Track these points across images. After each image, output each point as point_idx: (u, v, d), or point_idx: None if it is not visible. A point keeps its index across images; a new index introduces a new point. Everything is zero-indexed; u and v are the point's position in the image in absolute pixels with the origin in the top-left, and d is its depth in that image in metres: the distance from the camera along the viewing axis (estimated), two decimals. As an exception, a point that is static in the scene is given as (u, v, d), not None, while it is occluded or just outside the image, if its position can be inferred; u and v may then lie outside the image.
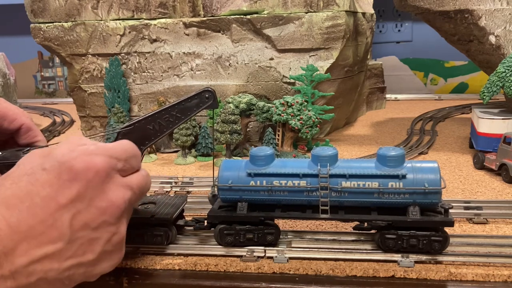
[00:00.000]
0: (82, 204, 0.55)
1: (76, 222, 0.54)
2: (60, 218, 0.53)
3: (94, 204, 0.56)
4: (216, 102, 0.76)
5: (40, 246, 0.51)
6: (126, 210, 0.61)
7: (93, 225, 0.56)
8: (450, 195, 0.99)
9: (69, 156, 0.57)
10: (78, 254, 0.55)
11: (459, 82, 2.37)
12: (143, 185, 0.65)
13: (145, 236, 0.76)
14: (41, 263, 0.51)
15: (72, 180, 0.55)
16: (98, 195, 0.57)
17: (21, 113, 0.79)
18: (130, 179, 0.63)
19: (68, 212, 0.54)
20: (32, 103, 2.42)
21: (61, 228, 0.53)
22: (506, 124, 1.13)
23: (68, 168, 0.56)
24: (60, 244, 0.53)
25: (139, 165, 0.66)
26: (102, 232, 0.57)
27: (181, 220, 0.81)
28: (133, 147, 0.66)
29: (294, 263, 0.72)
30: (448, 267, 0.68)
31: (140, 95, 1.48)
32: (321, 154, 0.72)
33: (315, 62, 1.38)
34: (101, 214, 0.57)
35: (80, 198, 0.55)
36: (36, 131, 0.80)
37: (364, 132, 1.60)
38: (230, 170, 0.75)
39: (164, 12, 1.41)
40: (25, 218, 0.51)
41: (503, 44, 1.20)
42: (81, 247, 0.55)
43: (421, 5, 1.25)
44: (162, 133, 0.75)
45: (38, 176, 0.55)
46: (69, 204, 0.54)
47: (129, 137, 0.73)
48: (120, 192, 0.60)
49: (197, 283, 0.70)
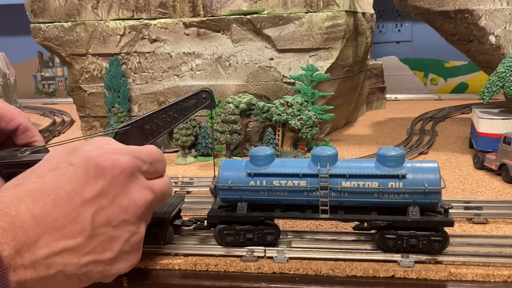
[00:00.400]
0: (106, 201, 0.56)
1: (98, 218, 0.55)
2: (84, 213, 0.54)
3: (117, 202, 0.57)
4: (213, 102, 0.76)
5: (61, 239, 0.52)
6: (146, 211, 0.62)
7: (114, 222, 0.57)
8: (450, 195, 0.99)
9: (97, 153, 0.58)
10: (97, 250, 0.55)
11: (459, 82, 2.37)
12: (165, 190, 0.66)
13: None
14: (61, 256, 0.51)
15: (97, 176, 0.56)
16: (121, 193, 0.58)
17: (18, 113, 0.79)
18: (153, 183, 0.64)
19: (91, 207, 0.55)
20: (32, 103, 2.42)
21: (83, 223, 0.53)
22: (506, 124, 1.13)
23: (95, 165, 0.57)
24: (81, 239, 0.53)
25: (164, 170, 0.67)
26: (123, 231, 0.58)
27: (178, 220, 0.81)
28: (159, 152, 0.67)
29: (294, 263, 0.72)
30: (448, 267, 0.68)
31: (140, 95, 1.48)
32: (321, 154, 0.72)
33: (315, 62, 1.38)
34: (123, 213, 0.58)
35: (104, 194, 0.56)
36: (33, 131, 0.80)
37: (364, 132, 1.60)
38: (230, 170, 0.75)
39: (164, 12, 1.41)
40: (49, 211, 0.52)
41: (503, 44, 1.20)
42: (101, 244, 0.55)
43: (421, 5, 1.25)
44: (159, 133, 0.75)
45: (65, 171, 0.55)
46: (93, 200, 0.55)
47: (126, 137, 0.73)
48: (142, 193, 0.61)
49: (197, 283, 0.70)
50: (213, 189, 0.77)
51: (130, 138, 0.73)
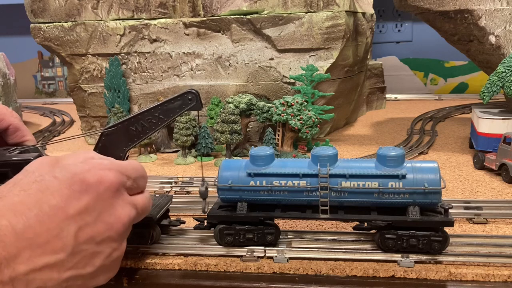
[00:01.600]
0: (90, 217, 0.55)
1: (82, 235, 0.54)
2: (66, 229, 0.53)
3: (101, 218, 0.57)
4: (199, 103, 0.75)
5: (43, 255, 0.51)
6: (129, 228, 0.62)
7: (98, 239, 0.56)
8: (450, 195, 0.99)
9: (82, 168, 0.57)
10: (79, 266, 0.54)
11: (459, 82, 2.37)
12: (146, 206, 0.66)
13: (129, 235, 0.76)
14: (41, 272, 0.51)
15: (82, 192, 0.55)
16: (106, 210, 0.57)
17: (9, 113, 0.78)
18: (136, 199, 0.64)
19: (75, 223, 0.54)
20: (32, 103, 2.42)
21: (65, 239, 0.53)
22: (506, 124, 1.13)
23: (80, 180, 0.56)
24: (63, 255, 0.52)
25: (145, 186, 0.67)
26: (105, 247, 0.57)
27: (166, 220, 0.81)
28: (142, 167, 0.67)
29: (294, 263, 0.72)
30: (448, 267, 0.68)
31: (140, 95, 1.48)
32: (321, 154, 0.72)
33: (315, 62, 1.38)
34: (107, 229, 0.57)
35: (88, 211, 0.55)
36: (24, 131, 0.80)
37: (364, 132, 1.60)
38: (230, 170, 0.75)
39: (164, 12, 1.41)
40: (31, 226, 0.51)
41: (503, 44, 1.20)
42: (83, 260, 0.55)
43: (421, 5, 1.25)
44: (145, 134, 0.75)
45: (49, 184, 0.54)
46: (76, 216, 0.54)
47: (112, 138, 0.73)
48: (127, 210, 0.60)
49: (197, 283, 0.70)
50: (203, 191, 0.76)
51: (116, 139, 0.72)
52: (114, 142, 0.72)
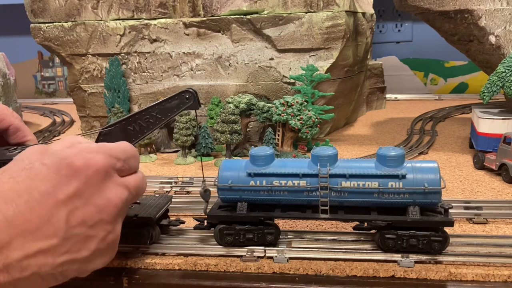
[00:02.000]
0: (80, 201, 0.56)
1: (73, 219, 0.54)
2: (57, 214, 0.53)
3: (92, 202, 0.57)
4: (196, 103, 0.75)
5: (36, 241, 0.51)
6: (122, 210, 0.61)
7: (90, 222, 0.56)
8: (450, 195, 0.99)
9: (70, 153, 0.57)
10: (73, 250, 0.55)
11: (459, 82, 2.37)
12: (139, 186, 0.66)
13: (128, 235, 0.76)
14: (35, 258, 0.51)
15: (71, 176, 0.56)
16: (96, 193, 0.57)
17: (9, 113, 0.78)
18: (128, 180, 0.63)
19: (65, 208, 0.54)
20: (32, 103, 2.42)
21: (57, 224, 0.53)
22: (506, 124, 1.13)
23: (68, 164, 0.56)
24: (55, 240, 0.53)
25: (137, 167, 0.67)
26: (98, 230, 0.57)
27: (165, 220, 0.81)
28: (132, 148, 0.66)
29: (294, 263, 0.72)
30: (448, 267, 0.68)
31: (140, 95, 1.48)
32: (321, 154, 0.72)
33: (315, 62, 1.38)
34: (98, 212, 0.57)
35: (78, 195, 0.55)
36: (25, 131, 0.80)
37: (364, 132, 1.60)
38: (230, 170, 0.75)
39: (164, 12, 1.41)
40: (22, 212, 0.51)
41: (503, 44, 1.20)
42: (76, 244, 0.55)
43: (421, 5, 1.25)
44: (142, 134, 0.75)
45: (38, 171, 0.55)
46: (66, 200, 0.54)
47: (109, 138, 0.73)
48: (118, 191, 0.60)
49: (197, 283, 0.70)
50: (203, 194, 0.76)
51: (113, 139, 0.72)
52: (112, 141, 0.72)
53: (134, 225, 0.76)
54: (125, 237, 0.76)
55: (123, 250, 0.77)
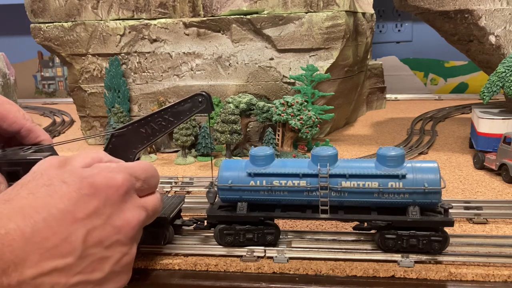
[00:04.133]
0: (99, 221, 0.55)
1: (90, 238, 0.54)
2: (75, 233, 0.52)
3: (110, 222, 0.56)
4: (209, 106, 0.74)
5: (51, 259, 0.50)
6: (139, 232, 0.61)
7: (107, 243, 0.56)
8: (450, 195, 0.99)
9: (91, 172, 0.57)
10: (87, 271, 0.54)
11: (459, 82, 2.37)
12: (157, 207, 0.65)
13: (142, 236, 0.76)
14: (49, 276, 0.50)
15: (91, 195, 0.55)
16: (115, 213, 0.57)
17: (21, 116, 0.77)
18: (146, 200, 0.63)
19: (83, 227, 0.53)
20: (32, 103, 2.42)
21: (74, 242, 0.52)
22: (506, 124, 1.13)
23: (89, 184, 0.55)
24: (71, 259, 0.52)
25: (157, 186, 0.67)
26: (114, 251, 0.57)
27: (178, 220, 0.81)
28: (152, 167, 0.66)
29: (294, 263, 0.72)
30: (448, 267, 0.68)
31: (140, 95, 1.48)
32: (321, 154, 0.72)
33: (315, 62, 1.38)
34: (116, 233, 0.57)
35: (97, 214, 0.55)
36: (37, 132, 0.79)
37: (364, 132, 1.60)
38: (230, 170, 0.75)
39: (164, 12, 1.41)
40: (39, 230, 0.50)
41: (503, 44, 1.20)
42: (91, 264, 0.54)
43: (421, 5, 1.25)
44: (154, 136, 0.74)
45: (58, 189, 0.54)
46: (85, 219, 0.54)
47: (122, 140, 0.73)
48: (136, 213, 0.60)
49: (197, 283, 0.70)
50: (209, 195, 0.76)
51: (126, 141, 0.72)
52: (124, 144, 0.72)
53: (148, 226, 0.76)
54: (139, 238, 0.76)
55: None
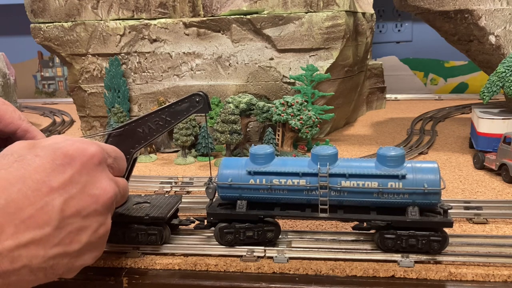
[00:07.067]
0: (75, 189, 0.55)
1: (67, 208, 0.53)
2: (51, 202, 0.52)
3: (87, 191, 0.56)
4: (207, 106, 0.74)
5: (28, 230, 0.50)
6: (113, 203, 0.61)
7: (84, 212, 0.55)
8: (450, 195, 0.99)
9: (64, 143, 0.57)
10: (65, 242, 0.53)
11: (459, 82, 2.37)
12: (126, 190, 0.66)
13: (139, 235, 0.76)
14: (27, 248, 0.49)
15: (66, 165, 0.55)
16: (91, 181, 0.57)
17: (17, 116, 0.77)
18: (117, 180, 0.64)
19: (60, 196, 0.53)
20: (32, 103, 2.42)
21: (51, 212, 0.52)
22: (506, 124, 1.13)
23: (63, 153, 0.56)
24: (48, 229, 0.51)
25: (124, 172, 0.68)
26: (92, 221, 0.57)
27: (175, 219, 0.81)
28: (121, 152, 0.68)
29: (294, 263, 0.71)
30: (448, 267, 0.68)
31: (140, 95, 1.48)
32: (321, 153, 0.72)
33: (315, 62, 1.38)
34: (94, 202, 0.57)
35: (73, 182, 0.55)
36: (33, 132, 0.79)
37: (364, 132, 1.60)
38: (230, 168, 0.75)
39: (164, 12, 1.41)
40: (14, 200, 0.50)
41: (503, 44, 1.20)
42: (69, 235, 0.54)
43: (421, 5, 1.25)
44: (152, 136, 0.75)
45: (31, 162, 0.53)
46: (61, 189, 0.53)
47: (119, 140, 0.73)
48: (112, 183, 0.60)
49: (197, 283, 0.70)
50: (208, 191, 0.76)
51: (123, 141, 0.72)
52: (121, 143, 0.73)
53: (145, 225, 0.76)
54: (136, 238, 0.76)
55: (123, 250, 0.77)
